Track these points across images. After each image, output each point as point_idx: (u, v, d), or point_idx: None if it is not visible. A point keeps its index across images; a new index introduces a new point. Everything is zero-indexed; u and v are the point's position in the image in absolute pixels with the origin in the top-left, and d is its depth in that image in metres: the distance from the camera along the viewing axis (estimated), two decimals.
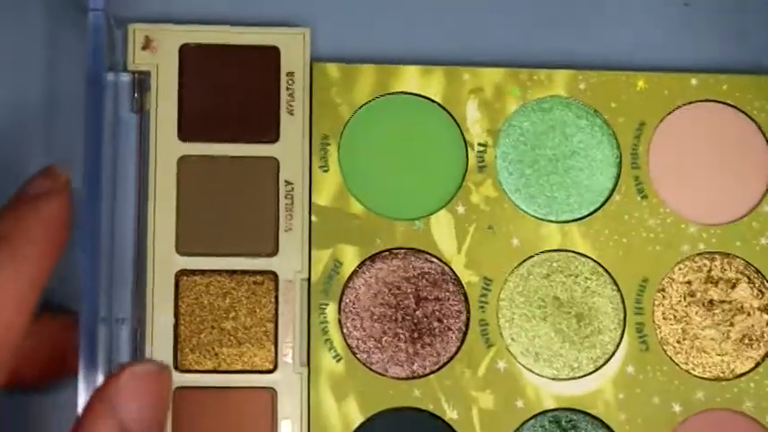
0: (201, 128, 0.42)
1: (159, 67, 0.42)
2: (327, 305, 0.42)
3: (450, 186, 0.43)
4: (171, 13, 0.44)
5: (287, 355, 0.41)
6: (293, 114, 0.42)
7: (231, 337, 0.41)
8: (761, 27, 0.46)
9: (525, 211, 0.43)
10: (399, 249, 0.43)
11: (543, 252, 0.43)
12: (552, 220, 0.43)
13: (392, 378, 0.42)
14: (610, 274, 0.43)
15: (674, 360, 0.43)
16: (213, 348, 0.41)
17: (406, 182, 0.43)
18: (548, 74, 0.44)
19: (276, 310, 0.41)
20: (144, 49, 0.42)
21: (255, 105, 0.43)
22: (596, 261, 0.43)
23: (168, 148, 0.42)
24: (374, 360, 0.42)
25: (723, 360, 0.43)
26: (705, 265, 0.44)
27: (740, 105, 0.45)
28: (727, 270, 0.44)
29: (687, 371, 0.43)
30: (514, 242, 0.43)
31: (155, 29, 0.42)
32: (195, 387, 0.41)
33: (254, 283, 0.41)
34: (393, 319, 0.42)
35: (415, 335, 0.42)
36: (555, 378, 0.42)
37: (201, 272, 0.41)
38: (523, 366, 0.42)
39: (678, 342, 0.43)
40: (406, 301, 0.42)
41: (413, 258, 0.43)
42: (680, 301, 0.43)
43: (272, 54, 0.43)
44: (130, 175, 0.42)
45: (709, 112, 0.44)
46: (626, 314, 0.43)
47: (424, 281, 0.42)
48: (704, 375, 0.43)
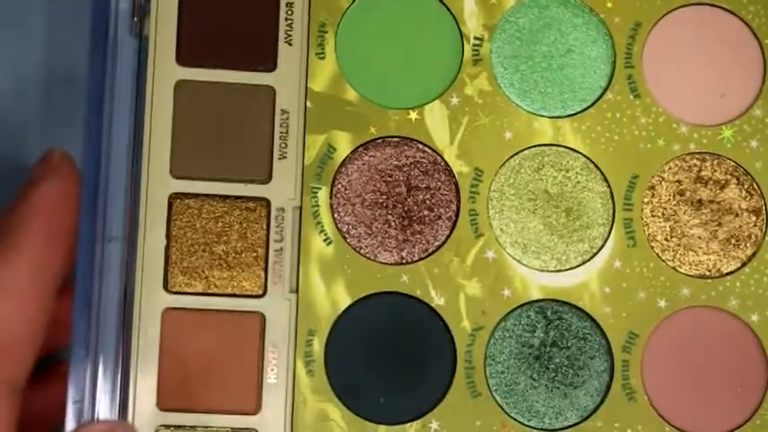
0: (200, 53, 0.42)
1: None
2: (319, 189, 0.42)
3: (445, 78, 0.43)
4: None
5: (277, 281, 0.41)
6: (291, 45, 0.43)
7: (222, 261, 0.41)
8: None
9: (518, 105, 0.44)
10: (392, 137, 0.43)
11: (535, 146, 0.43)
12: (545, 115, 0.44)
13: (381, 263, 0.42)
14: (600, 170, 0.43)
15: (660, 257, 0.43)
16: (203, 271, 0.41)
17: (402, 71, 0.43)
18: None
19: (267, 236, 0.42)
20: None
21: (254, 33, 0.43)
22: (587, 157, 0.43)
23: (166, 72, 0.42)
24: (364, 245, 0.42)
25: (710, 259, 0.43)
26: (695, 165, 0.44)
27: (735, 10, 0.45)
28: (716, 171, 0.44)
29: (674, 268, 0.43)
30: (507, 135, 0.43)
31: None
32: (184, 308, 0.41)
33: (246, 209, 0.42)
34: (384, 205, 0.43)
35: (406, 222, 0.42)
36: (542, 270, 0.43)
37: (195, 195, 0.42)
38: (511, 257, 0.43)
39: (666, 239, 0.43)
40: (398, 189, 0.43)
41: (405, 147, 0.43)
42: (669, 200, 0.44)
43: None
44: (127, 97, 0.42)
45: (705, 15, 0.45)
46: (615, 210, 0.43)
47: (415, 170, 0.43)
48: (690, 273, 0.43)
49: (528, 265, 0.43)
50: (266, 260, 0.41)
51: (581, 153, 0.43)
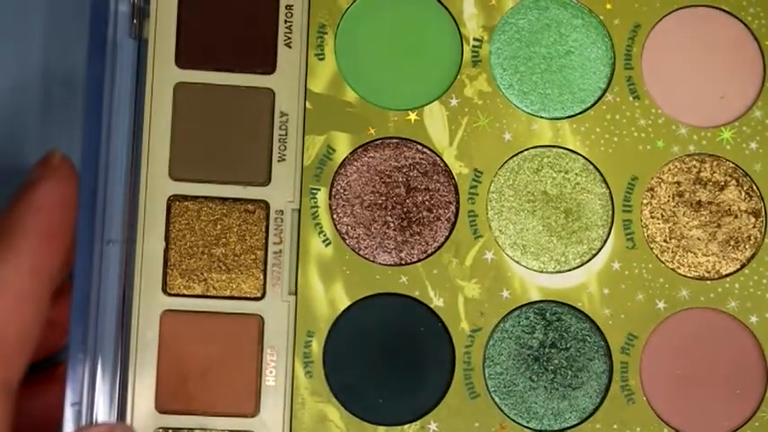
0: (199, 56, 0.42)
1: None
2: (319, 190, 0.42)
3: (445, 79, 0.43)
4: None
5: (275, 283, 0.41)
6: (291, 47, 0.43)
7: (220, 263, 0.41)
8: None
9: (518, 107, 0.44)
10: (392, 139, 0.43)
11: (534, 147, 0.43)
12: (544, 116, 0.44)
13: (380, 264, 0.42)
14: (600, 172, 0.43)
15: (659, 258, 0.43)
16: (202, 273, 0.41)
17: (401, 72, 0.43)
18: None
19: (266, 238, 0.42)
20: None
21: (253, 36, 0.43)
22: (586, 158, 0.43)
23: (165, 74, 0.42)
24: (363, 246, 0.42)
25: (709, 260, 0.43)
26: (695, 166, 0.44)
27: (735, 11, 0.45)
28: (716, 172, 0.44)
29: (673, 269, 0.43)
30: (506, 137, 0.43)
31: None
32: (182, 311, 0.41)
33: (245, 211, 0.42)
34: (383, 207, 0.43)
35: (405, 223, 0.42)
36: (541, 271, 0.43)
37: (194, 198, 0.42)
38: (510, 258, 0.43)
39: (665, 241, 0.43)
40: (397, 190, 0.43)
41: (405, 148, 0.43)
42: (668, 201, 0.43)
43: None
44: (127, 100, 0.42)
45: (705, 16, 0.45)
46: (614, 211, 0.43)
47: (415, 171, 0.43)
48: (689, 274, 0.43)
49: (527, 267, 0.43)
50: (265, 262, 0.41)
51: (580, 154, 0.43)
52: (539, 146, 0.43)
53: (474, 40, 0.43)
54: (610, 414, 0.42)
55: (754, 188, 0.44)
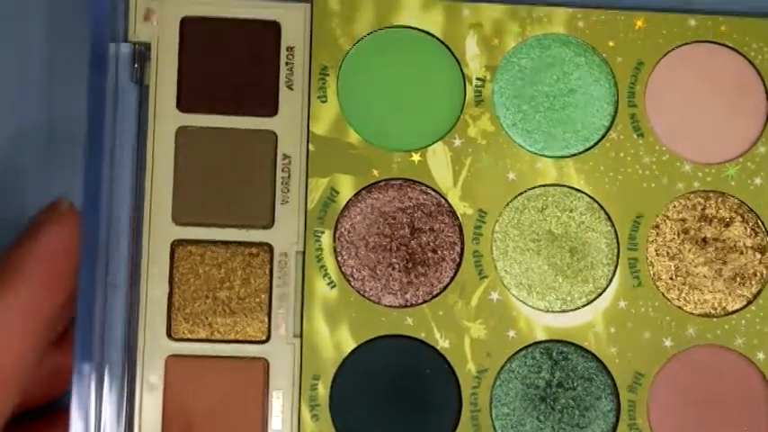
0: (200, 99, 0.43)
1: (160, 38, 0.43)
2: (323, 233, 0.42)
3: (448, 119, 0.44)
4: None
5: (280, 326, 0.41)
6: (292, 89, 0.43)
7: (225, 307, 0.41)
8: None
9: (521, 146, 0.44)
10: (395, 180, 0.43)
11: (539, 186, 0.43)
12: (548, 155, 0.44)
13: (385, 306, 0.42)
14: (604, 210, 0.43)
15: (666, 296, 0.43)
16: (207, 317, 0.41)
17: (404, 113, 0.43)
18: (547, 11, 0.44)
19: (270, 281, 0.42)
20: (145, 20, 0.42)
21: (255, 79, 0.43)
22: (591, 197, 0.43)
23: (167, 118, 0.42)
24: (368, 288, 0.42)
25: (715, 297, 0.43)
26: (699, 203, 0.44)
27: (738, 47, 0.45)
28: (721, 209, 0.44)
29: (679, 307, 0.43)
30: (510, 176, 0.43)
31: (156, 1, 0.43)
32: (188, 356, 0.41)
33: (249, 254, 0.42)
34: (388, 248, 0.42)
35: (410, 265, 0.42)
36: (547, 310, 0.43)
37: (197, 242, 0.42)
38: (516, 298, 0.42)
39: (671, 278, 0.43)
40: (401, 231, 0.43)
41: (409, 189, 0.43)
42: (674, 239, 0.43)
43: (272, 28, 0.43)
44: (129, 144, 0.42)
45: (707, 53, 0.45)
46: (619, 249, 0.43)
47: (419, 212, 0.43)
48: (695, 312, 0.43)
49: (533, 306, 0.42)
50: (269, 305, 0.41)
51: (585, 193, 0.43)
52: (543, 185, 0.43)
53: (477, 79, 0.43)
54: None
55: (760, 224, 0.44)
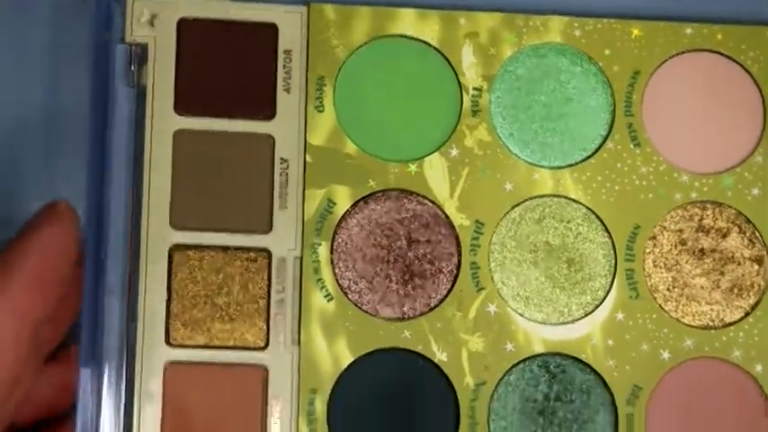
0: (198, 102, 0.42)
1: (157, 40, 0.42)
2: (320, 245, 0.42)
3: (444, 130, 0.43)
4: None
5: (279, 332, 0.41)
6: (290, 93, 0.42)
7: (223, 313, 0.41)
8: None
9: (518, 156, 0.43)
10: (392, 191, 0.42)
11: (536, 197, 0.43)
12: (545, 165, 0.43)
13: (382, 319, 0.42)
14: (602, 221, 0.43)
15: (663, 308, 0.43)
16: (205, 324, 0.41)
17: (401, 124, 0.43)
18: (543, 20, 0.44)
19: (269, 287, 0.41)
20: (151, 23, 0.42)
21: (252, 82, 0.43)
22: (588, 207, 0.43)
23: (164, 121, 0.42)
24: (365, 301, 0.42)
25: (713, 309, 0.43)
26: (697, 213, 0.44)
27: (734, 56, 0.45)
28: (718, 219, 0.44)
29: (677, 319, 0.43)
30: (507, 187, 0.43)
31: (153, 2, 0.42)
32: (186, 362, 0.41)
33: (247, 259, 0.41)
34: (385, 260, 0.42)
35: (407, 276, 0.42)
36: (545, 323, 0.42)
37: (195, 247, 0.41)
38: (514, 310, 0.42)
39: (668, 290, 0.43)
40: (398, 243, 0.42)
41: (405, 200, 0.43)
42: (671, 250, 0.43)
43: (269, 31, 0.43)
44: (126, 147, 0.41)
45: (704, 61, 0.45)
46: (617, 261, 0.43)
47: (416, 223, 0.42)
48: (693, 324, 0.43)
49: (530, 319, 0.42)
50: (268, 311, 0.41)
51: (582, 204, 0.43)
52: (540, 195, 0.43)
53: (473, 89, 0.43)
54: None
55: (757, 234, 0.44)
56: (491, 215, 0.43)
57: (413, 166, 0.42)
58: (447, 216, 0.42)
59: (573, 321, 0.42)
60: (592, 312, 0.42)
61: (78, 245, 0.39)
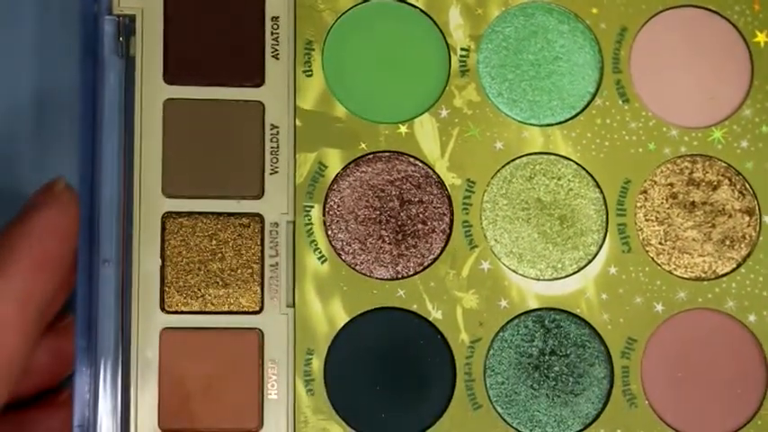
0: (187, 71, 0.42)
1: (144, 10, 0.42)
2: (312, 207, 0.42)
3: (434, 90, 0.43)
4: None
5: (273, 296, 0.41)
6: (278, 59, 0.42)
7: (218, 279, 0.41)
8: None
9: (508, 115, 0.43)
10: (383, 153, 0.43)
11: (526, 155, 0.43)
12: (534, 123, 0.44)
13: (377, 279, 0.42)
14: (592, 177, 0.43)
15: (656, 261, 0.43)
16: (200, 289, 0.41)
17: (390, 86, 0.43)
18: None
19: (262, 251, 0.42)
20: None
21: (241, 49, 0.43)
22: (579, 164, 0.43)
23: (154, 91, 0.42)
24: (359, 261, 0.42)
25: (705, 261, 0.43)
26: (687, 167, 0.44)
27: (721, 10, 0.45)
28: (708, 172, 0.44)
29: (669, 271, 0.43)
30: (497, 145, 0.43)
31: None
32: (182, 328, 0.41)
33: (240, 225, 0.41)
34: (377, 221, 0.42)
35: (400, 237, 0.42)
36: (538, 278, 0.43)
37: (188, 214, 0.42)
38: (507, 267, 0.43)
39: (660, 243, 0.43)
40: (391, 204, 0.43)
41: (397, 161, 0.43)
42: (662, 203, 0.44)
43: None
44: (116, 117, 0.41)
45: (691, 17, 0.45)
46: (608, 216, 0.43)
47: (408, 184, 0.43)
48: (686, 276, 0.43)
49: (524, 275, 0.43)
50: (262, 276, 0.41)
51: (572, 160, 0.43)
52: (530, 153, 0.43)
53: (461, 50, 0.43)
54: (612, 419, 0.42)
55: (747, 186, 0.44)
56: (482, 174, 0.43)
57: (403, 128, 0.43)
58: (438, 176, 0.43)
59: (566, 276, 0.43)
60: (585, 267, 0.43)
61: (78, 223, 0.39)
